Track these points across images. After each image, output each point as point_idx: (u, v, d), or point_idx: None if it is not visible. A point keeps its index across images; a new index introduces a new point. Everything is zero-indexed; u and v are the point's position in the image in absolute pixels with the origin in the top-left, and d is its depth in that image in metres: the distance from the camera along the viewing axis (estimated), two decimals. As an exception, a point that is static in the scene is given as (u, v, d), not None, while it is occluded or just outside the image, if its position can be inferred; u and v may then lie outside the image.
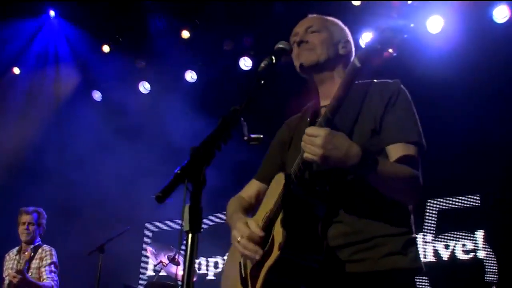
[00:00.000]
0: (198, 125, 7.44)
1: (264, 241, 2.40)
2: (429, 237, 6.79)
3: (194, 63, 8.50)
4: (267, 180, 2.79)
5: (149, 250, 6.87)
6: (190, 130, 7.53)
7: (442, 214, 6.81)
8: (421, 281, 6.41)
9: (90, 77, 9.16)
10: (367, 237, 2.40)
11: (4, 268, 6.68)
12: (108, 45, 8.69)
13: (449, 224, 6.74)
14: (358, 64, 2.20)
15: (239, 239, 2.44)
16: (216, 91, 8.18)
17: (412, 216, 2.56)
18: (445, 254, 6.68)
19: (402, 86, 2.59)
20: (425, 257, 6.72)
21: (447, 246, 6.69)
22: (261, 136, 2.32)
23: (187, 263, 1.72)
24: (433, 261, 6.70)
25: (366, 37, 7.02)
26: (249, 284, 2.49)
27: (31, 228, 6.60)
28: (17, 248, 6.76)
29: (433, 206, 6.84)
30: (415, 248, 2.47)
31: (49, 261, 6.52)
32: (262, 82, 2.26)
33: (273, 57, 2.39)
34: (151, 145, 8.38)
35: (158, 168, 7.50)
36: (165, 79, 8.71)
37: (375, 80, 2.64)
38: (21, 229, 6.62)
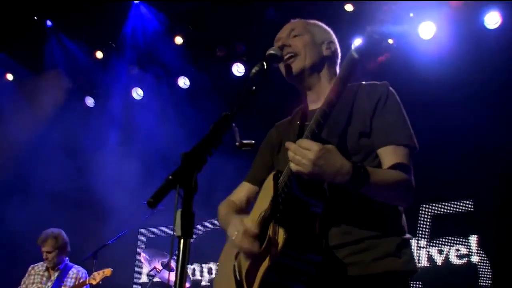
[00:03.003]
0: (190, 130, 7.45)
1: (260, 242, 2.36)
2: (423, 242, 6.80)
3: (187, 69, 8.49)
4: (258, 182, 2.80)
5: (143, 256, 6.84)
6: (182, 136, 7.53)
7: (436, 219, 6.82)
8: (415, 286, 6.38)
9: (83, 83, 9.13)
10: (357, 238, 2.38)
11: (26, 280, 6.62)
12: (102, 51, 8.68)
13: (443, 229, 6.75)
14: (356, 55, 2.17)
15: (235, 233, 2.40)
16: (209, 97, 8.18)
17: (404, 217, 2.55)
18: (439, 259, 6.68)
19: (390, 88, 2.57)
20: (419, 262, 6.71)
21: (441, 251, 6.70)
22: (253, 141, 2.32)
23: (179, 268, 1.72)
24: (427, 266, 6.69)
25: (358, 43, 7.03)
26: (245, 287, 2.45)
27: (50, 256, 6.52)
28: (42, 263, 6.68)
29: (427, 211, 6.85)
30: (409, 250, 2.45)
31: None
32: (254, 88, 2.27)
33: (265, 63, 2.41)
34: (143, 150, 8.36)
35: (150, 173, 7.48)
36: (158, 85, 8.69)
37: (363, 82, 2.63)
38: (44, 255, 6.57)
